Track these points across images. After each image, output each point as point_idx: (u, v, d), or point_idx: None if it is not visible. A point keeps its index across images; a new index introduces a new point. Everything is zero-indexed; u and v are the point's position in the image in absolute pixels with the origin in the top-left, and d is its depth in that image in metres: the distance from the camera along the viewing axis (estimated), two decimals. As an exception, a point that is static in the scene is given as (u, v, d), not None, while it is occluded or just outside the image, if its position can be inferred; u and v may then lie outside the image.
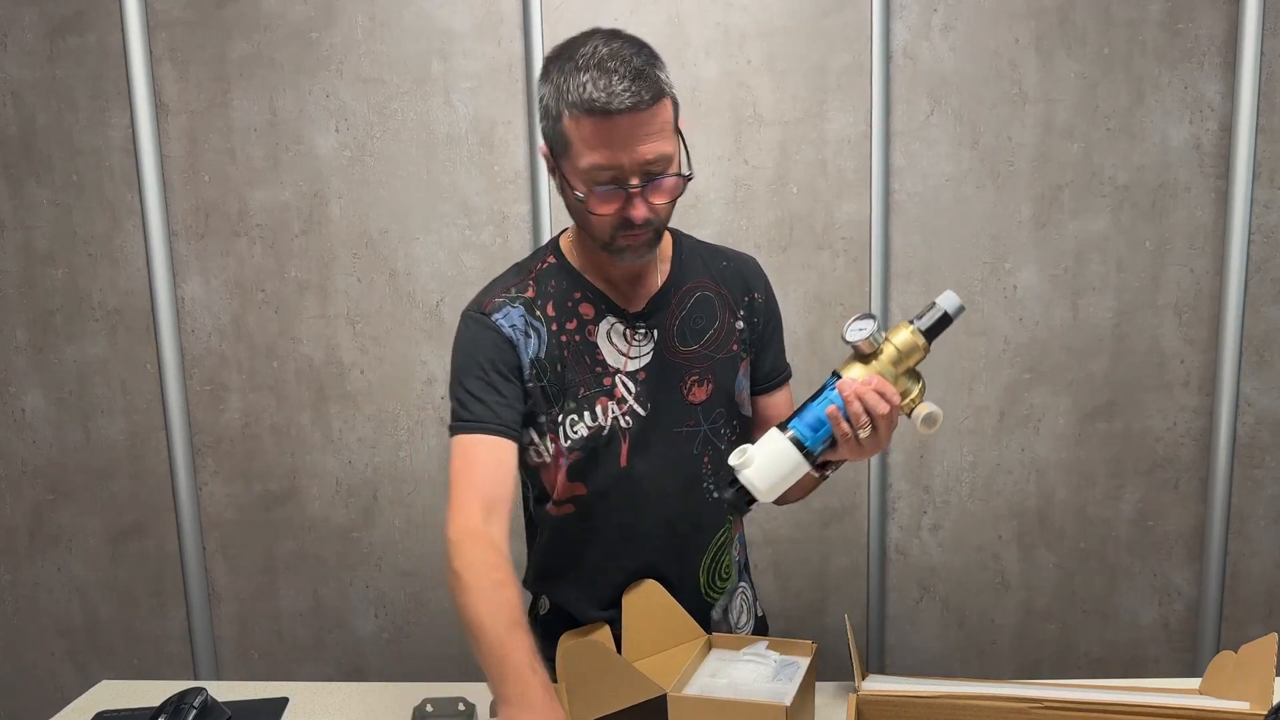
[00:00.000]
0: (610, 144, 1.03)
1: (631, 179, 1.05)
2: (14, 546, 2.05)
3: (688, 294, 1.23)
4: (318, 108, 1.88)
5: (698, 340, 1.22)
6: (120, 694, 1.31)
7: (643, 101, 1.02)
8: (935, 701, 1.06)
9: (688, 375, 1.22)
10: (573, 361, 1.18)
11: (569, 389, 1.18)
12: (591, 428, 1.19)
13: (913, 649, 2.02)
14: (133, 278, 1.94)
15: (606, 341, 1.20)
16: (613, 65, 1.02)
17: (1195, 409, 1.91)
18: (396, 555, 2.01)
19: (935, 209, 1.87)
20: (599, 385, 1.19)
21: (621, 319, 1.20)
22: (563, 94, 1.05)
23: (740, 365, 1.26)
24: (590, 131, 1.04)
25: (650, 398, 1.20)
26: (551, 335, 1.18)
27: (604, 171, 1.05)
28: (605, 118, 1.02)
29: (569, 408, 1.19)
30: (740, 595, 1.35)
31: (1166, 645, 1.99)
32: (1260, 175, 1.82)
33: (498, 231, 1.90)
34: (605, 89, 1.01)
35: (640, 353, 1.21)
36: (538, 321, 1.18)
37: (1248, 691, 1.03)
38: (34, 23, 1.87)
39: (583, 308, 1.20)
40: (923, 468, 1.96)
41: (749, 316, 1.27)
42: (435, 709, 1.20)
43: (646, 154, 1.04)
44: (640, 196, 1.07)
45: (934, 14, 1.82)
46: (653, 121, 1.04)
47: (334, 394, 1.96)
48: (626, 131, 1.03)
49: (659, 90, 1.04)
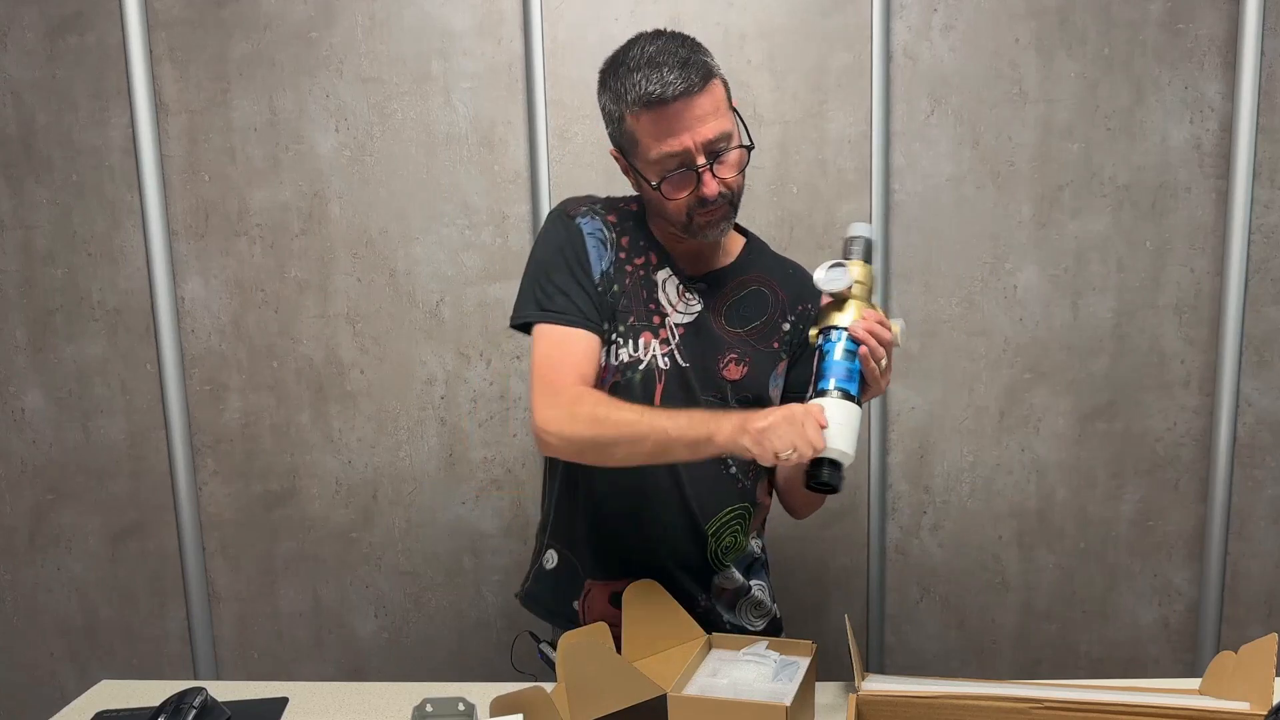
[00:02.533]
0: (673, 130, 1.12)
1: (698, 159, 1.13)
2: (14, 546, 2.05)
3: (745, 284, 1.30)
4: (318, 108, 1.88)
5: (743, 326, 1.28)
6: (120, 694, 1.31)
7: (694, 85, 1.11)
8: (935, 701, 1.06)
9: (728, 351, 1.27)
10: (631, 289, 1.25)
11: (620, 314, 1.24)
12: (632, 357, 1.24)
13: (913, 649, 2.02)
14: (133, 277, 1.94)
15: (663, 287, 1.26)
16: (661, 59, 1.11)
17: (1195, 409, 1.91)
18: (396, 555, 2.01)
19: (935, 209, 1.87)
20: (648, 321, 1.24)
21: (678, 275, 1.27)
22: (621, 96, 1.14)
23: (778, 364, 1.30)
24: (651, 123, 1.12)
25: (691, 355, 1.25)
26: (619, 260, 1.25)
27: (672, 158, 1.13)
28: (663, 107, 1.11)
29: (618, 330, 1.24)
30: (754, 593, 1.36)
31: (1166, 645, 1.99)
32: (1260, 175, 1.82)
33: (498, 231, 1.90)
34: (658, 81, 1.10)
35: (689, 310, 1.27)
36: (613, 240, 1.26)
37: (1248, 691, 1.03)
38: (34, 22, 1.87)
39: (651, 254, 1.27)
40: (923, 468, 1.96)
41: (798, 322, 1.32)
42: (435, 709, 1.20)
43: (707, 133, 1.13)
44: (710, 174, 1.14)
45: (934, 14, 1.82)
46: (707, 102, 1.12)
47: (334, 394, 1.96)
48: (684, 116, 1.11)
49: (707, 73, 1.13)
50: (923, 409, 1.93)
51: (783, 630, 1.44)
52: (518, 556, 1.99)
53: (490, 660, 2.03)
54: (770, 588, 1.42)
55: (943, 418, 1.94)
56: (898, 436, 1.94)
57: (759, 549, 1.41)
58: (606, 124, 1.21)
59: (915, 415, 1.94)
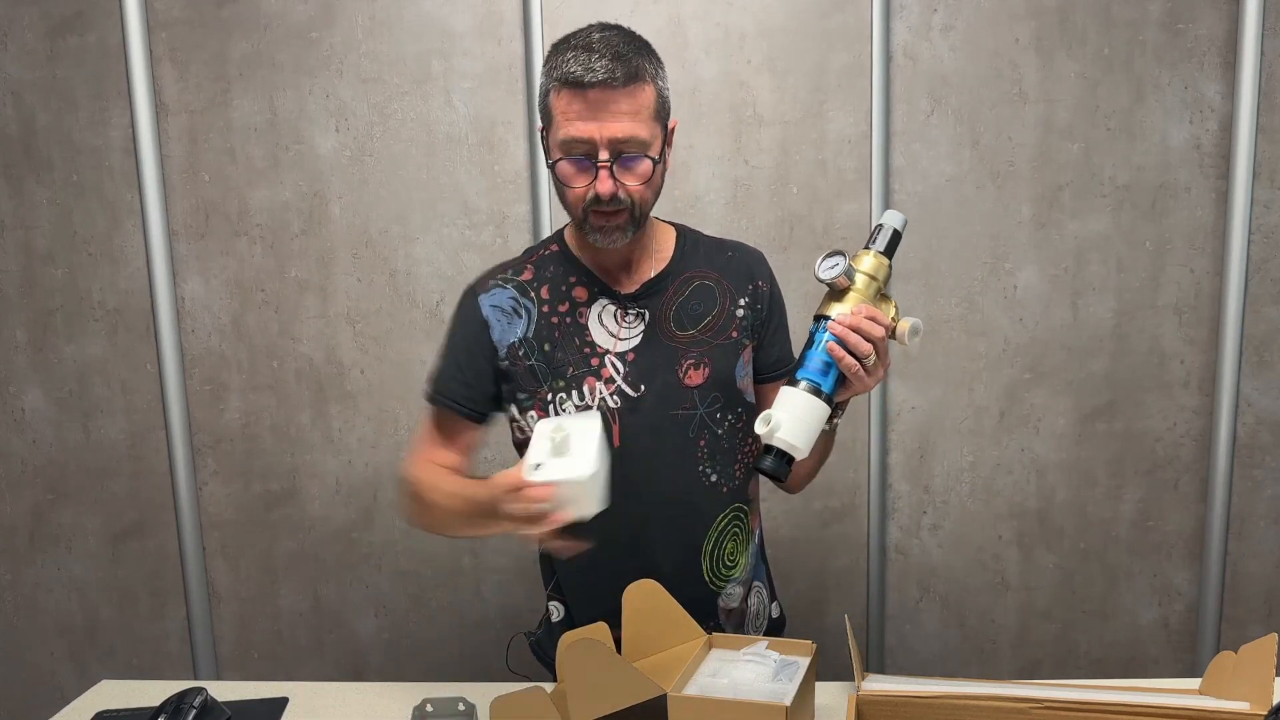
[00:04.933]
0: (582, 115, 1.10)
1: (601, 153, 1.11)
2: (14, 546, 2.05)
3: (686, 281, 1.27)
4: (318, 107, 1.88)
5: (695, 325, 1.25)
6: (120, 694, 1.31)
7: (615, 79, 1.09)
8: (935, 701, 1.06)
9: (684, 358, 1.24)
10: (562, 341, 1.23)
11: (558, 368, 1.23)
12: (579, 406, 1.22)
13: (913, 649, 2.02)
14: (133, 277, 1.94)
15: (597, 323, 1.24)
16: (598, 47, 1.10)
17: (1195, 409, 1.91)
18: (396, 555, 2.01)
19: (935, 209, 1.87)
20: (587, 365, 1.23)
21: (614, 300, 1.25)
22: (551, 70, 1.13)
23: (741, 352, 1.27)
24: (566, 103, 1.11)
25: (642, 379, 1.23)
26: (542, 316, 1.24)
27: (577, 144, 1.12)
28: (579, 89, 1.10)
29: (558, 386, 1.23)
30: (755, 592, 1.36)
31: (1166, 645, 1.99)
32: (1260, 175, 1.82)
33: (498, 231, 1.90)
34: (584, 64, 1.09)
35: (630, 334, 1.24)
36: (530, 302, 1.25)
37: (1248, 692, 1.03)
38: (34, 22, 1.87)
39: (576, 291, 1.25)
40: (923, 468, 1.96)
41: (752, 303, 1.29)
42: (435, 709, 1.20)
43: (615, 130, 1.10)
44: (608, 172, 1.12)
45: (934, 14, 1.82)
46: (626, 102, 1.11)
47: (334, 394, 1.96)
48: (598, 105, 1.10)
49: (635, 73, 1.11)
50: (923, 409, 1.93)
51: (785, 628, 1.44)
52: (518, 556, 1.99)
53: (490, 660, 2.03)
54: (770, 584, 1.42)
55: (943, 418, 1.94)
56: (898, 436, 1.94)
57: (759, 542, 1.40)
58: (539, 98, 1.19)
59: (915, 415, 1.94)
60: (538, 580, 1.41)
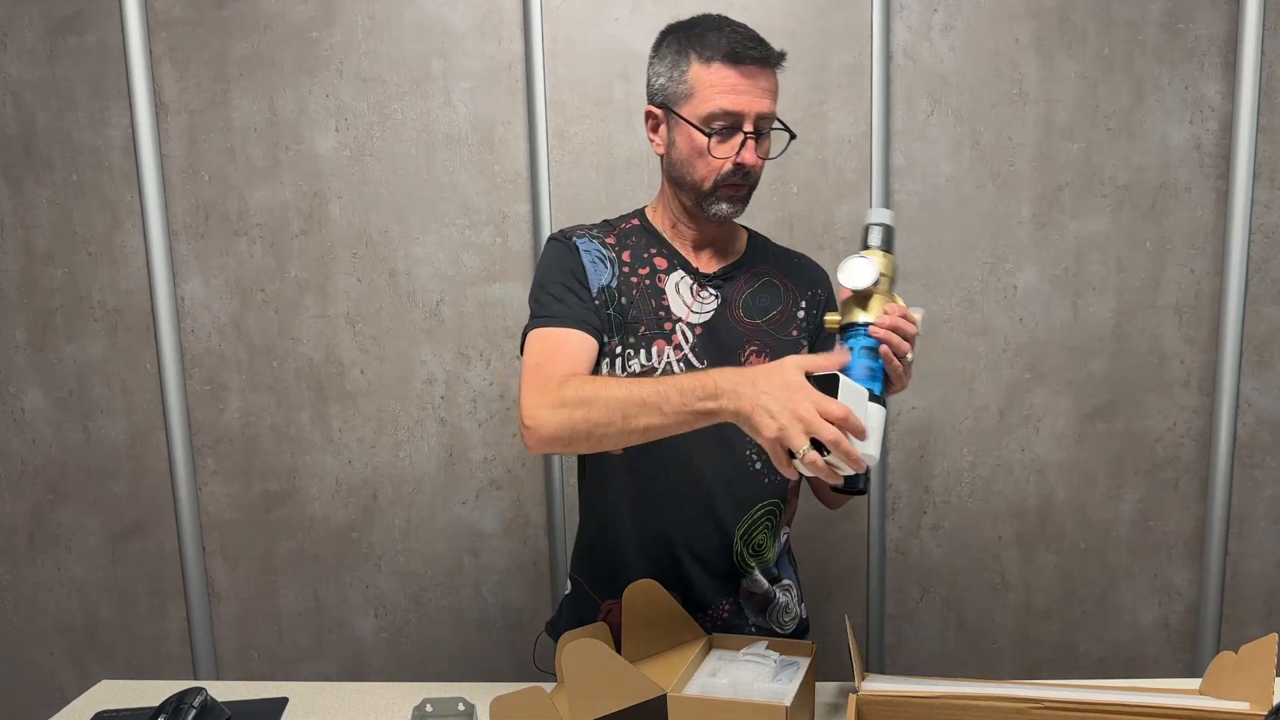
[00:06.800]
0: (738, 89, 1.16)
1: (746, 125, 1.17)
2: (14, 546, 2.05)
3: (756, 275, 1.32)
4: (318, 107, 1.88)
5: (761, 316, 1.29)
6: (120, 694, 1.31)
7: (770, 57, 1.18)
8: (935, 701, 1.06)
9: (747, 344, 1.28)
10: (639, 299, 1.25)
11: (630, 324, 1.25)
12: (645, 366, 1.24)
13: (913, 649, 2.02)
14: (133, 277, 1.94)
15: (674, 291, 1.27)
16: (741, 29, 1.19)
17: (1195, 409, 1.91)
18: (396, 555, 2.01)
19: (935, 209, 1.87)
20: (659, 328, 1.25)
21: (692, 275, 1.28)
22: (695, 45, 1.18)
23: (800, 351, 1.31)
24: (721, 77, 1.16)
25: (707, 354, 1.25)
26: (623, 275, 1.26)
27: (727, 116, 1.17)
28: (737, 64, 1.16)
29: (628, 342, 1.25)
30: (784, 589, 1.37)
31: (1166, 645, 1.99)
32: (1260, 175, 1.82)
33: (498, 231, 1.90)
34: (741, 41, 1.16)
35: (703, 309, 1.27)
36: (613, 257, 1.27)
37: (1248, 692, 1.03)
38: (34, 22, 1.87)
39: (657, 260, 1.28)
40: (923, 468, 1.96)
41: (810, 308, 1.33)
42: (435, 709, 1.20)
43: (763, 107, 1.17)
44: (754, 142, 1.18)
45: (934, 14, 1.82)
46: (769, 81, 1.19)
47: (334, 394, 1.96)
48: (751, 82, 1.17)
49: (778, 57, 1.19)
50: (923, 409, 1.93)
51: (810, 632, 1.44)
52: (518, 556, 1.99)
53: (490, 660, 2.03)
54: (799, 586, 1.42)
55: (943, 418, 1.94)
56: (898, 436, 1.94)
57: (786, 545, 1.40)
58: (654, 78, 1.23)
59: (915, 415, 1.94)
60: (538, 580, 1.42)
